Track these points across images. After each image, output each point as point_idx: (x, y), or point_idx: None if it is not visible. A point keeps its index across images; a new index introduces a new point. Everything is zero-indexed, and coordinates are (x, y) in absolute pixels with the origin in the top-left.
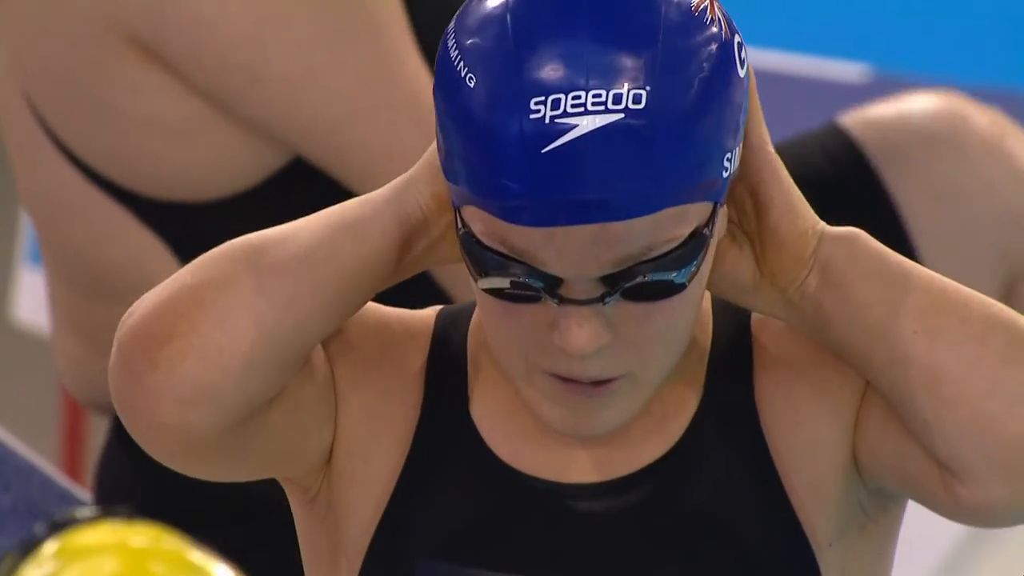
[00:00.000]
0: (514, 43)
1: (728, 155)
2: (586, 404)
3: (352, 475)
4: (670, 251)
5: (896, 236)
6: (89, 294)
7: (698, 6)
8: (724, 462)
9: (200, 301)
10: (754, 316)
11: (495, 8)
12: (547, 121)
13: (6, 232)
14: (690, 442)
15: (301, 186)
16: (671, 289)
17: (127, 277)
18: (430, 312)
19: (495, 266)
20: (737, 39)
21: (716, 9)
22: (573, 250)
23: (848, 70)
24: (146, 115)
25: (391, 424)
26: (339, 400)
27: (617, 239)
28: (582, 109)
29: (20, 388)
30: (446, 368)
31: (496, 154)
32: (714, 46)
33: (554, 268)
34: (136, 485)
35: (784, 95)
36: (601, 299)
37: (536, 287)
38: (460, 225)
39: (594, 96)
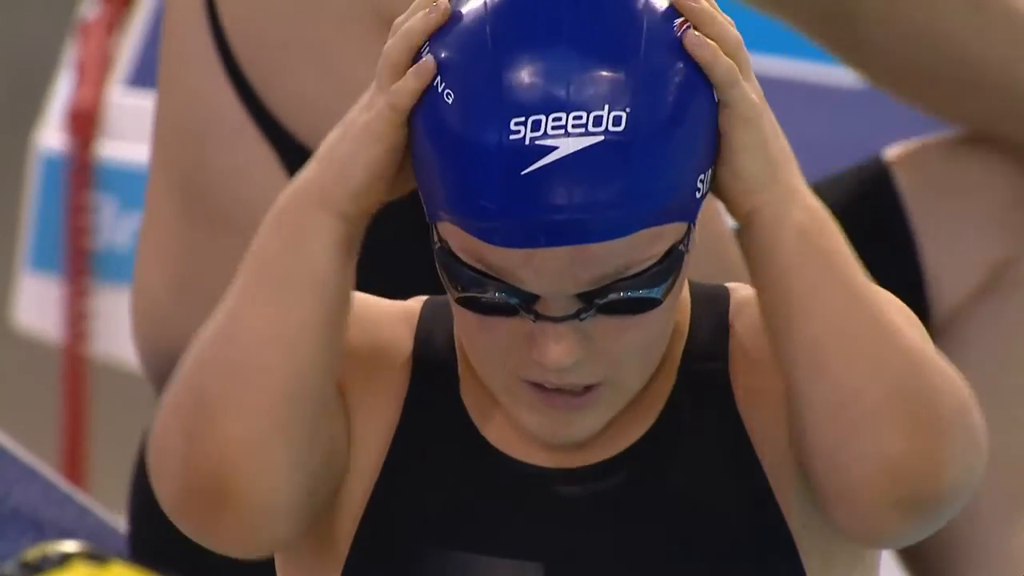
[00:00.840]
0: (494, 60)
1: (702, 176)
2: (565, 412)
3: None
4: (646, 269)
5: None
6: (197, 220)
7: (680, 26)
8: (701, 442)
9: (235, 463)
10: (732, 304)
11: (474, 22)
12: (527, 142)
13: (7, 239)
14: (666, 424)
15: None
16: (647, 304)
17: (249, 215)
18: (415, 300)
19: (471, 282)
20: None
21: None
22: (551, 270)
23: (847, 76)
24: (365, 81)
25: (376, 410)
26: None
27: (594, 259)
28: (562, 132)
29: (21, 394)
30: (435, 353)
31: (474, 174)
32: (692, 66)
33: (531, 286)
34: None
35: (783, 100)
36: (577, 315)
37: (512, 303)
38: (436, 239)
39: (575, 118)
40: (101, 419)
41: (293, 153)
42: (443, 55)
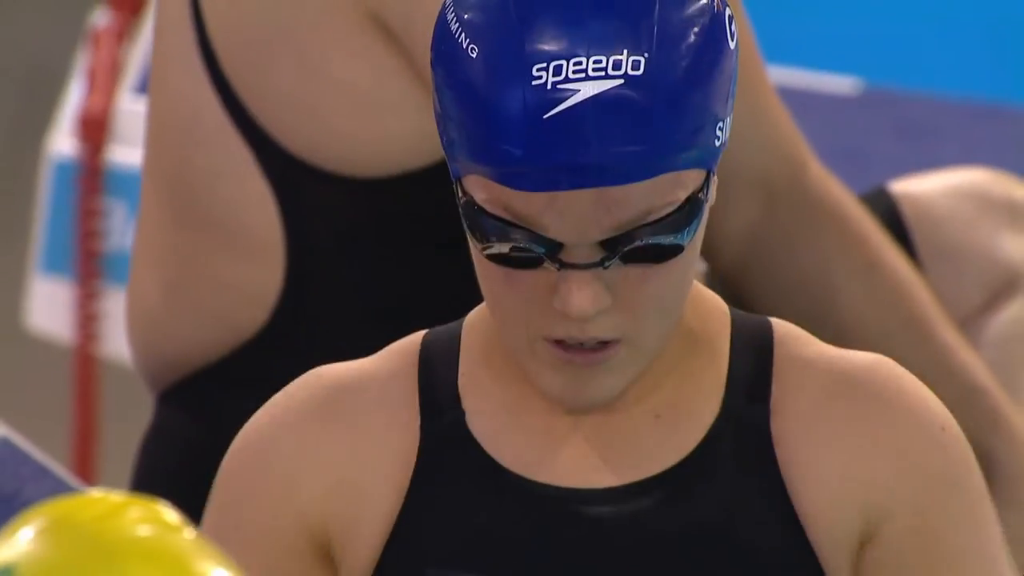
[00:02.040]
0: (515, 13)
1: (720, 124)
2: (585, 371)
3: (353, 534)
4: (667, 215)
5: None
6: (183, 221)
7: None
8: (737, 479)
9: None
10: (776, 334)
11: None
12: (549, 87)
13: (20, 242)
14: (704, 455)
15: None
16: (669, 251)
17: (227, 217)
18: (411, 340)
19: (497, 232)
20: (728, 12)
21: None
22: (574, 214)
23: (840, 83)
24: (344, 78)
25: (384, 469)
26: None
27: (617, 203)
28: (583, 75)
29: (33, 393)
30: (437, 391)
31: (499, 121)
32: (707, 17)
33: (555, 233)
34: (178, 471)
35: None
36: (601, 263)
37: (537, 252)
38: (461, 194)
39: (595, 63)
40: (110, 418)
41: (269, 154)
42: (464, 13)
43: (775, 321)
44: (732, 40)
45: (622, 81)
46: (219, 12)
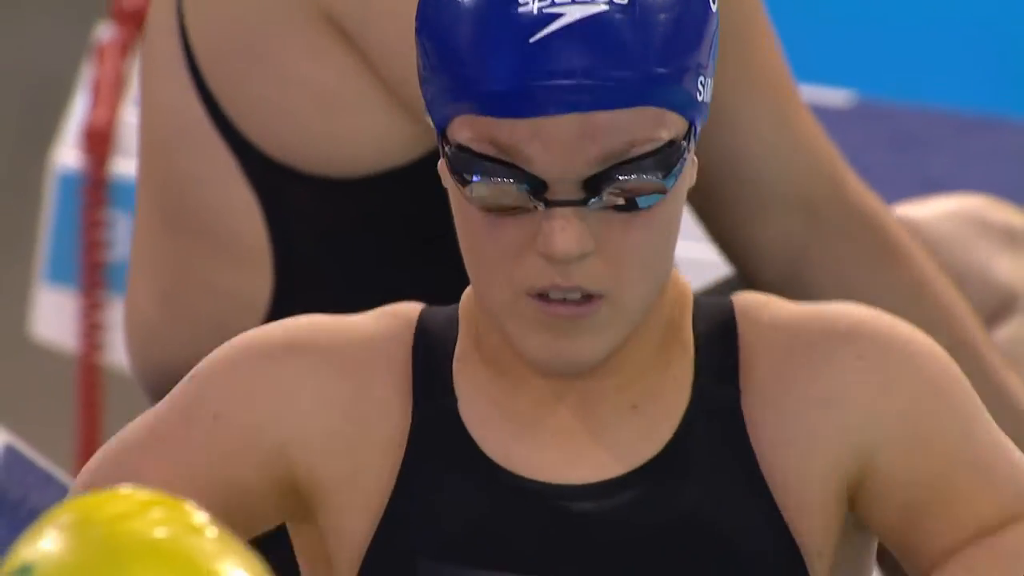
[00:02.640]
0: None
1: (702, 77)
2: (568, 328)
3: (340, 504)
4: (650, 152)
5: None
6: (174, 230)
7: None
8: (713, 465)
9: None
10: (737, 304)
11: None
12: (535, 12)
13: (25, 253)
14: (679, 444)
15: (424, 188)
16: (651, 192)
17: (214, 223)
18: (411, 308)
19: (481, 170)
20: None
21: None
22: (560, 143)
23: (833, 96)
24: (307, 78)
25: (377, 440)
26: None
27: (601, 131)
28: (569, 0)
29: (39, 402)
30: (432, 369)
31: (485, 47)
32: None
33: (540, 166)
34: None
35: None
36: (585, 201)
37: (521, 191)
38: (445, 145)
39: None
40: (114, 426)
41: (251, 159)
42: None
43: (736, 296)
44: (713, 3)
45: (607, 7)
46: (197, 19)
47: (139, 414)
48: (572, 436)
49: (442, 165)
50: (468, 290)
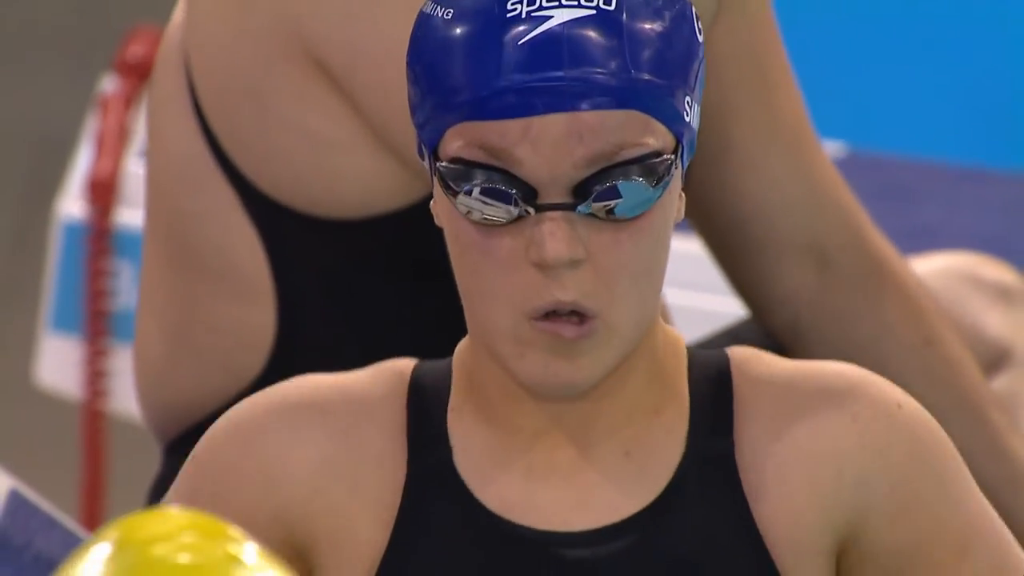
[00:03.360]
0: None
1: (688, 98)
2: (565, 349)
3: (337, 562)
4: (638, 158)
5: None
6: (180, 267)
7: None
8: (707, 515)
9: None
10: (733, 358)
11: None
12: (523, 16)
13: (31, 302)
14: (674, 493)
15: (418, 231)
16: (639, 199)
17: (218, 260)
18: (404, 364)
19: (473, 179)
20: (695, 11)
21: None
22: (549, 143)
23: (825, 147)
24: (297, 121)
25: (371, 497)
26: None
27: (589, 131)
28: (557, 4)
29: (44, 448)
30: (426, 422)
31: (475, 53)
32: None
33: (530, 169)
34: None
35: None
36: (574, 206)
37: (512, 194)
38: (436, 164)
39: None
40: (118, 472)
41: (252, 198)
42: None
43: (731, 350)
44: (700, 35)
45: (594, 11)
46: (200, 61)
47: (142, 459)
48: (567, 483)
49: (434, 204)
50: (462, 343)
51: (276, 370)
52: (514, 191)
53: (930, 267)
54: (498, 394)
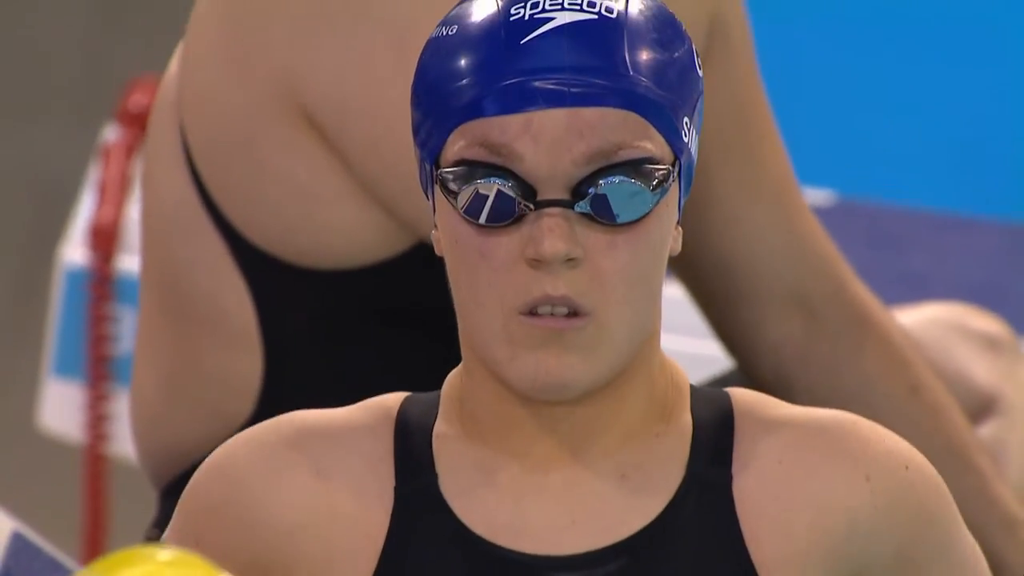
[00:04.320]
0: None
1: (687, 119)
2: (556, 345)
3: None
4: (635, 160)
5: None
6: (172, 316)
7: (663, 5)
8: (701, 543)
9: None
10: (735, 401)
11: None
12: (527, 19)
13: (34, 347)
14: (669, 521)
15: (401, 281)
16: (636, 203)
17: (207, 307)
18: (392, 398)
19: (475, 177)
20: (695, 46)
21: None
22: (549, 138)
23: (815, 195)
24: (286, 173)
25: (359, 529)
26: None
27: (589, 129)
28: (559, 6)
29: (46, 490)
30: (412, 450)
31: (480, 55)
32: (679, 28)
33: (530, 163)
34: None
35: None
36: (572, 204)
37: (512, 195)
38: (435, 171)
39: None
40: (119, 514)
41: (240, 246)
42: (449, 16)
43: (732, 389)
44: (699, 68)
45: (596, 16)
46: (193, 113)
47: (143, 502)
48: (559, 506)
49: (435, 232)
50: (452, 372)
51: (263, 416)
52: (514, 185)
53: (919, 317)
54: (489, 414)
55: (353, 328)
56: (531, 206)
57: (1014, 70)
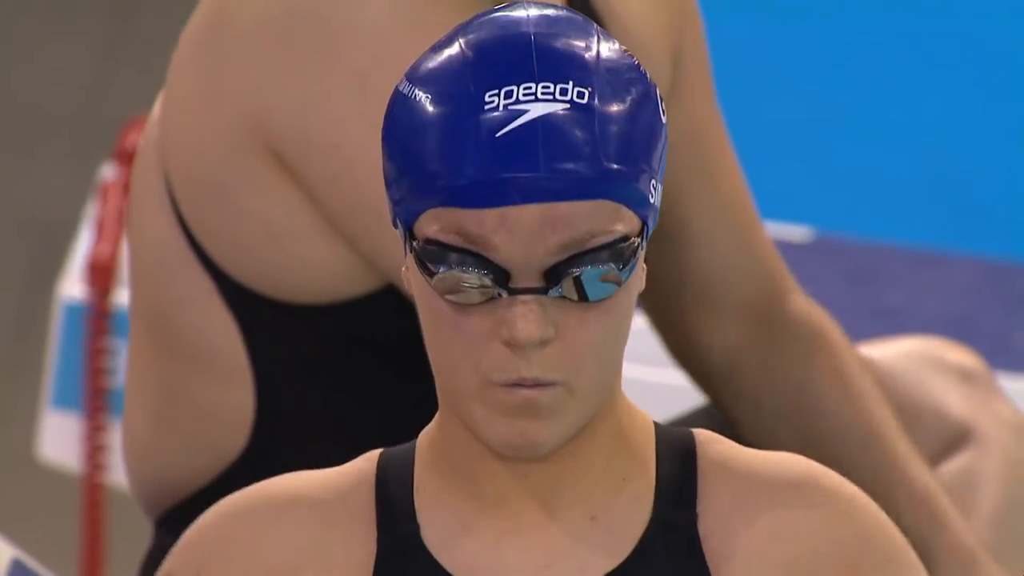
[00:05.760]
0: (466, 54)
1: (654, 181)
2: (529, 412)
3: None
4: (607, 244)
5: None
6: (162, 352)
7: (626, 50)
8: None
9: None
10: (698, 441)
11: (447, 42)
12: (500, 109)
13: (33, 380)
14: (638, 559)
15: (384, 314)
16: (607, 282)
17: (197, 344)
18: (366, 460)
19: (449, 262)
20: (659, 91)
21: (639, 61)
22: (522, 232)
23: (793, 232)
24: (258, 210)
25: (349, 571)
26: None
27: (562, 222)
28: (532, 98)
29: (45, 519)
30: (393, 501)
31: (455, 143)
32: (643, 78)
33: (505, 254)
34: None
35: None
36: (545, 290)
37: (486, 281)
38: (412, 242)
39: (543, 88)
40: (117, 542)
41: (226, 284)
42: (417, 73)
43: (696, 431)
44: (664, 116)
45: (568, 106)
46: (173, 154)
47: (140, 530)
48: (534, 550)
49: (405, 272)
50: (426, 429)
51: (256, 448)
52: (488, 273)
53: (895, 350)
54: (465, 461)
55: (339, 361)
56: (504, 292)
57: (989, 106)
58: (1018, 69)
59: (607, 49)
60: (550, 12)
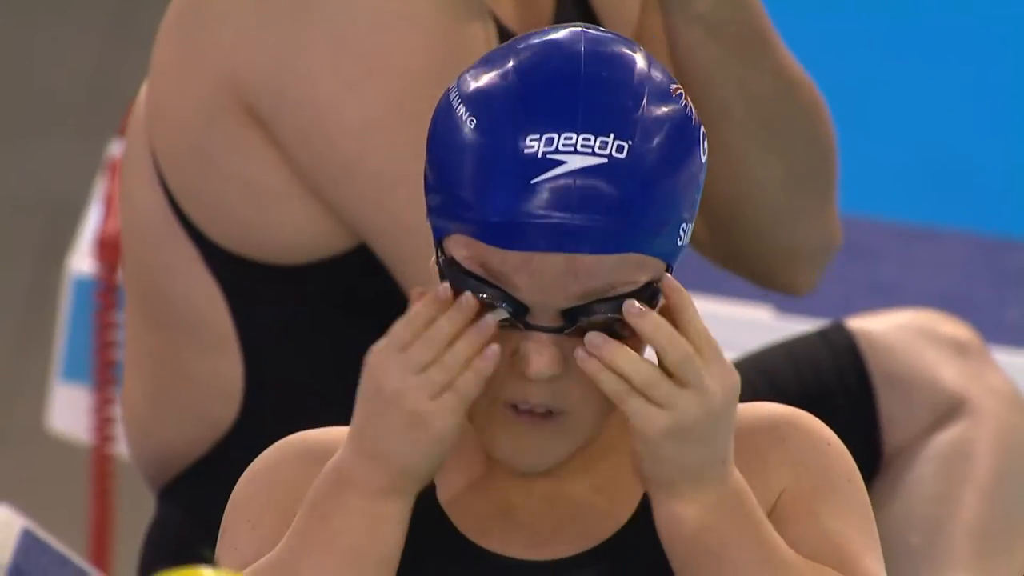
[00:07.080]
0: (517, 90)
1: (683, 225)
2: (534, 434)
3: None
4: (627, 293)
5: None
6: (154, 324)
7: (675, 90)
8: None
9: None
10: None
11: (500, 58)
12: (539, 156)
13: (44, 353)
14: (638, 524)
15: (364, 271)
16: (622, 332)
17: (184, 312)
18: None
19: (471, 288)
20: (702, 129)
21: (687, 99)
22: (545, 277)
23: None
24: (237, 172)
25: None
26: None
27: (585, 272)
28: (572, 149)
29: (55, 490)
30: None
31: (489, 181)
32: (687, 123)
33: (525, 294)
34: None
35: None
36: (561, 330)
37: (506, 312)
38: (441, 254)
39: (583, 140)
40: (125, 512)
41: (209, 249)
42: (468, 90)
43: None
44: (704, 154)
45: (606, 160)
46: (155, 119)
47: (147, 500)
48: (542, 516)
49: (432, 264)
50: None
51: (249, 415)
52: (508, 307)
53: (890, 323)
54: (476, 440)
55: (324, 320)
56: (522, 327)
57: (984, 83)
58: (1010, 46)
59: (655, 87)
60: (602, 47)
